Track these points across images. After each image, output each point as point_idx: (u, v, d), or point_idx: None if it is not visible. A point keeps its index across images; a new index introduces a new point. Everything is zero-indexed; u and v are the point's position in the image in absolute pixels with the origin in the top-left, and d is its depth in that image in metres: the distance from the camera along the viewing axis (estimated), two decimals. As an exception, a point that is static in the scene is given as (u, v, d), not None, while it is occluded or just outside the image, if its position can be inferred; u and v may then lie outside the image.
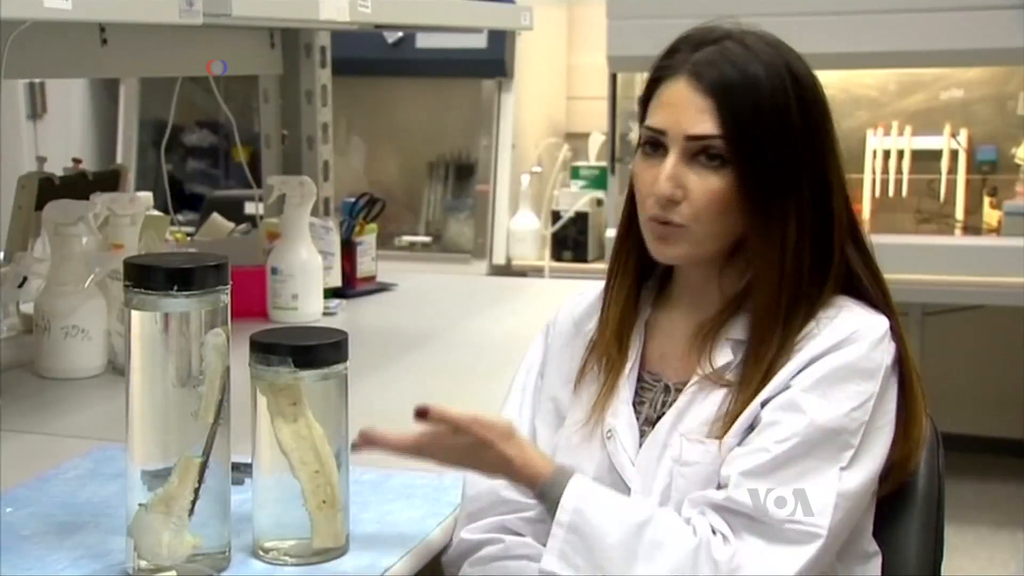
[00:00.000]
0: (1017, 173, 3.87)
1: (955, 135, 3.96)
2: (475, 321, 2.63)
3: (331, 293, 2.61)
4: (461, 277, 3.84)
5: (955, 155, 3.96)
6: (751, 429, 1.36)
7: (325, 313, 2.54)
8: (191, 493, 1.27)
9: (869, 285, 1.44)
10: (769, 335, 1.38)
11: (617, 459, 1.43)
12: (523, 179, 4.23)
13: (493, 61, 4.21)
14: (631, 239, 1.49)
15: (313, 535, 1.34)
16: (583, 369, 1.51)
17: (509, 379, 1.59)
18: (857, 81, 4.10)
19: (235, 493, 1.35)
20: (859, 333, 1.37)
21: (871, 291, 1.44)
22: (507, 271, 4.19)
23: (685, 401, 1.42)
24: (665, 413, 1.43)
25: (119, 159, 4.52)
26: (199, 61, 2.56)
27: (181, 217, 3.59)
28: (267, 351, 1.31)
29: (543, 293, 3.06)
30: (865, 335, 1.37)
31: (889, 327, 1.40)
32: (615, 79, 4.02)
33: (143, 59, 2.43)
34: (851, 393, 1.35)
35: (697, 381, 1.42)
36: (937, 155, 3.97)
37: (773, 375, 1.37)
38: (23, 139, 4.31)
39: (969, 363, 4.46)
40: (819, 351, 1.36)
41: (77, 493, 1.55)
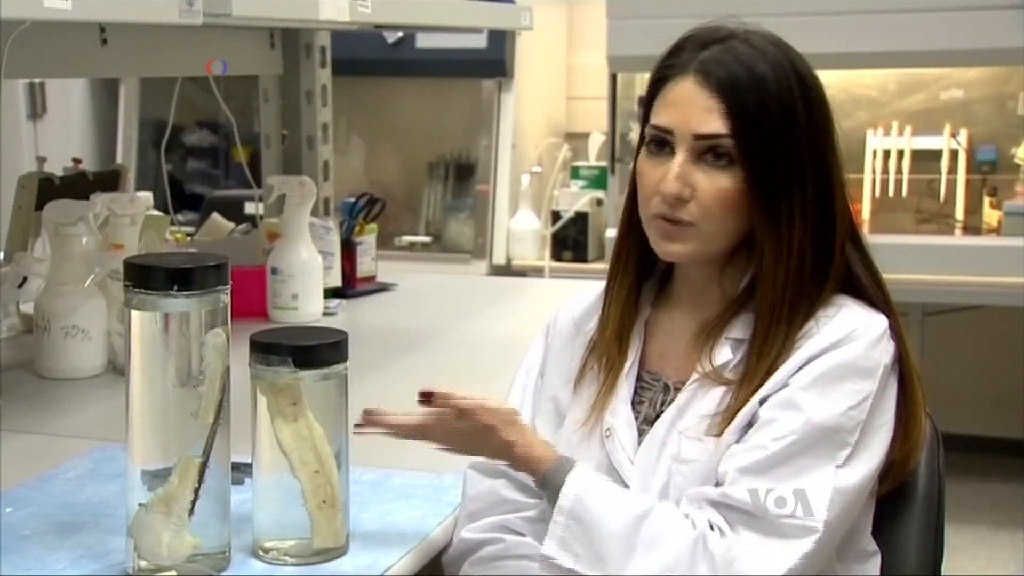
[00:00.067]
0: (1017, 173, 3.86)
1: (955, 135, 3.96)
2: (475, 321, 2.63)
3: (331, 293, 2.61)
4: (461, 277, 3.83)
5: (955, 155, 3.96)
6: (749, 427, 1.36)
7: (325, 313, 2.54)
8: (191, 493, 1.27)
9: (868, 284, 1.44)
10: (773, 333, 1.39)
11: (616, 457, 1.43)
12: (523, 179, 4.23)
13: (493, 61, 4.21)
14: (632, 238, 1.49)
15: (313, 535, 1.34)
16: (583, 369, 1.51)
17: (509, 379, 1.59)
18: (857, 81, 4.10)
19: (235, 493, 1.35)
20: (858, 332, 1.37)
21: (870, 290, 1.44)
22: (507, 271, 4.19)
23: (684, 399, 1.42)
24: (664, 412, 1.43)
25: (119, 159, 4.52)
26: (199, 61, 2.56)
27: (181, 217, 3.58)
28: (267, 351, 1.31)
29: (543, 293, 3.06)
30: (864, 334, 1.37)
31: (888, 326, 1.40)
32: (615, 79, 4.02)
33: (143, 59, 2.43)
34: (849, 392, 1.35)
35: (697, 379, 1.42)
36: (937, 155, 3.97)
37: (773, 373, 1.37)
38: (23, 139, 4.31)
39: (969, 363, 4.46)
40: (818, 349, 1.36)
41: (77, 493, 1.55)
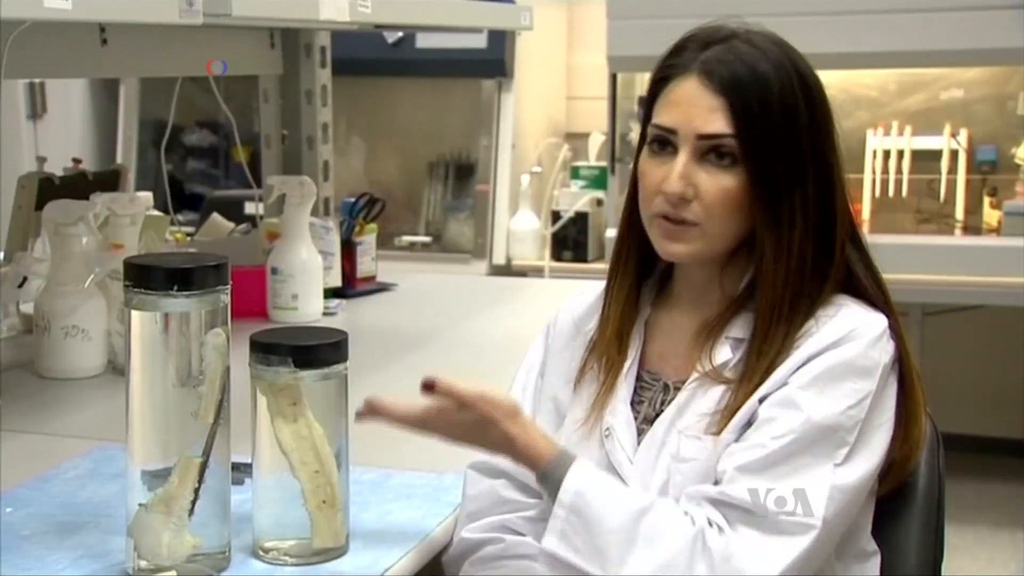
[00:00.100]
0: (1017, 173, 3.86)
1: (955, 135, 3.96)
2: (475, 321, 2.63)
3: (331, 293, 2.61)
4: (461, 277, 3.83)
5: (955, 155, 3.96)
6: (748, 425, 1.36)
7: (325, 313, 2.54)
8: (191, 493, 1.27)
9: (868, 284, 1.44)
10: (773, 333, 1.39)
11: (615, 457, 1.43)
12: (523, 179, 4.23)
13: (493, 61, 4.20)
14: (632, 238, 1.49)
15: (313, 535, 1.34)
16: (583, 368, 1.51)
17: (509, 379, 1.59)
18: (857, 81, 4.10)
19: (235, 493, 1.35)
20: (857, 331, 1.37)
21: (870, 290, 1.44)
22: (507, 271, 4.18)
23: (684, 398, 1.42)
24: (664, 411, 1.43)
25: (119, 159, 4.51)
26: (199, 61, 2.56)
27: (181, 217, 3.58)
28: (267, 351, 1.31)
29: (543, 293, 3.06)
30: (863, 333, 1.37)
31: (888, 326, 1.40)
32: (615, 79, 4.02)
33: (143, 59, 2.43)
34: (848, 391, 1.35)
35: (697, 378, 1.42)
36: (937, 155, 3.97)
37: (772, 372, 1.37)
38: (23, 139, 4.31)
39: (969, 363, 4.46)
40: (817, 349, 1.37)
41: (77, 493, 1.55)
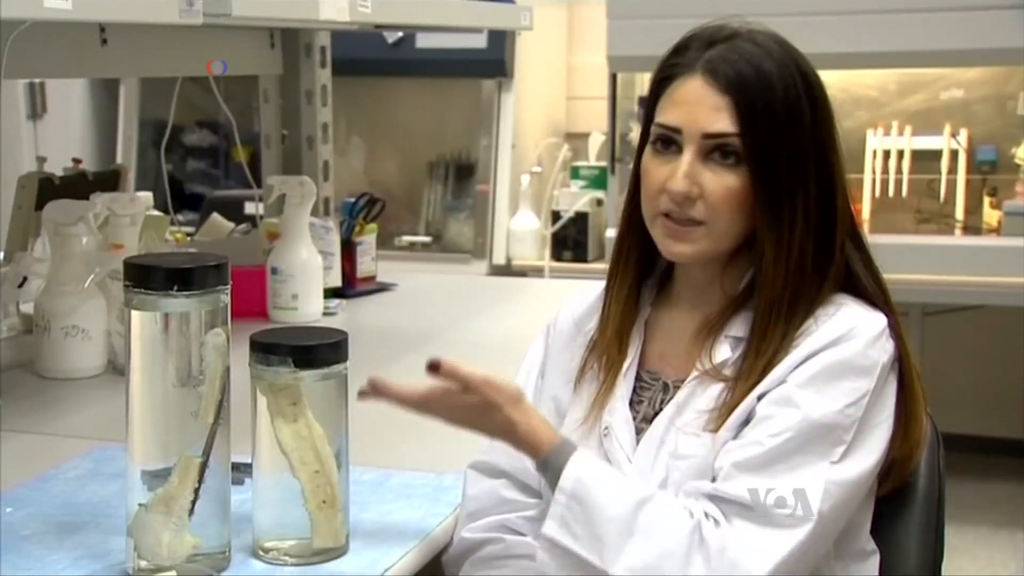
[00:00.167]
0: (1017, 173, 3.86)
1: (955, 135, 3.96)
2: (475, 321, 2.63)
3: (331, 293, 2.61)
4: (461, 277, 3.83)
5: (955, 155, 3.96)
6: (746, 423, 1.36)
7: (325, 313, 2.54)
8: (191, 493, 1.27)
9: (868, 284, 1.44)
10: (772, 331, 1.39)
11: (614, 456, 1.43)
12: (523, 179, 4.23)
13: (493, 61, 4.20)
14: (632, 238, 1.49)
15: (313, 535, 1.34)
16: (583, 368, 1.51)
17: (509, 379, 1.59)
18: (857, 81, 4.10)
19: (235, 493, 1.35)
20: (856, 330, 1.37)
21: (870, 290, 1.44)
22: (507, 271, 4.18)
23: (684, 396, 1.42)
24: (663, 409, 1.43)
25: (119, 159, 4.51)
26: (199, 61, 2.56)
27: (181, 217, 3.58)
28: (267, 351, 1.31)
29: (543, 293, 3.06)
30: (862, 332, 1.37)
31: (887, 325, 1.40)
32: (615, 79, 4.02)
33: (143, 59, 2.43)
34: (846, 389, 1.35)
35: (696, 376, 1.42)
36: (937, 155, 3.97)
37: (771, 370, 1.37)
38: (23, 139, 4.31)
39: (969, 363, 4.46)
40: (816, 347, 1.37)
41: (77, 493, 1.55)
